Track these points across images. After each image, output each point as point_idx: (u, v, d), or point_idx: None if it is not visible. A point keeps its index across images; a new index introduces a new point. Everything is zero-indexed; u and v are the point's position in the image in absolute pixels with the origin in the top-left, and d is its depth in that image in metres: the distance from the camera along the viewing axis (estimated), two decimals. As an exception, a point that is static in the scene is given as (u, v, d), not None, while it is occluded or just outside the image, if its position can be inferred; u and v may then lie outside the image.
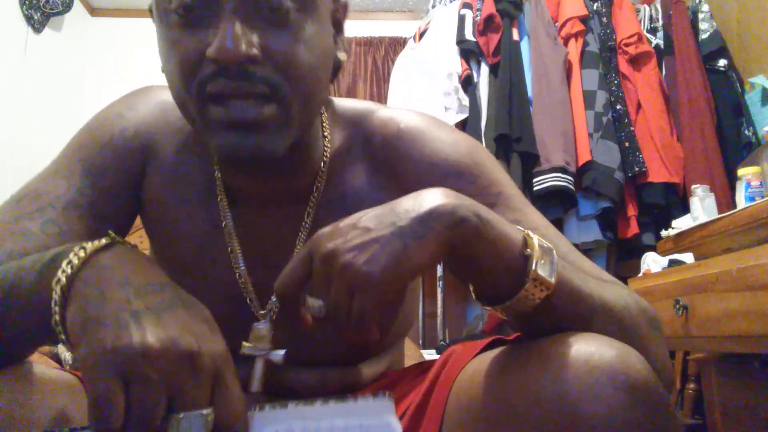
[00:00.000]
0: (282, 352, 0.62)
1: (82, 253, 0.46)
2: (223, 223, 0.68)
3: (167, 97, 0.67)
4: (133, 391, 0.39)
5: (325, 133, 0.69)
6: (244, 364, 0.63)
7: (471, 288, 0.53)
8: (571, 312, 0.51)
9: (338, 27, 0.66)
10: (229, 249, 0.68)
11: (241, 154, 0.55)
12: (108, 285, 0.44)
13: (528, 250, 0.49)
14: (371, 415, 0.45)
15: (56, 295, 0.45)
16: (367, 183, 0.69)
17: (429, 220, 0.46)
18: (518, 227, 0.52)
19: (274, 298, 0.68)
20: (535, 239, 0.50)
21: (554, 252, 0.50)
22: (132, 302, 0.42)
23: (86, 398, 0.40)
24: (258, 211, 0.68)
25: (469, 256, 0.48)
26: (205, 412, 0.40)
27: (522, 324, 0.53)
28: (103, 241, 0.48)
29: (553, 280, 0.48)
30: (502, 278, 0.49)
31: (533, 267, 0.48)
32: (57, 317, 0.45)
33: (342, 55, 0.66)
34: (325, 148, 0.68)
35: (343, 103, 0.73)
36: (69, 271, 0.45)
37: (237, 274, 0.68)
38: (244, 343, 0.63)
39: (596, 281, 0.55)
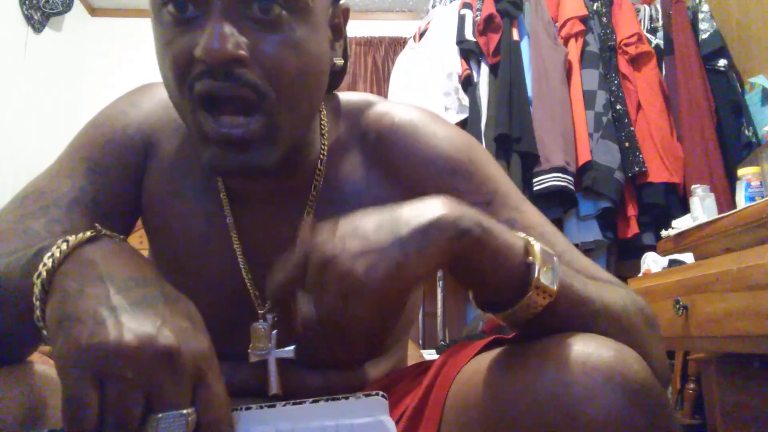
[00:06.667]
0: (291, 347, 0.62)
1: (64, 246, 0.45)
2: (227, 219, 0.68)
3: None
4: (109, 390, 0.37)
5: (323, 131, 0.68)
6: (256, 368, 0.63)
7: (471, 295, 0.52)
8: (572, 316, 0.51)
9: (337, 32, 0.65)
10: (232, 245, 0.68)
11: (228, 170, 0.56)
12: (88, 279, 0.42)
13: (530, 258, 0.48)
14: (363, 415, 0.43)
15: (37, 289, 0.43)
16: (364, 178, 0.68)
17: (430, 231, 0.43)
18: (519, 234, 0.51)
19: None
20: (537, 246, 0.49)
21: (555, 258, 0.49)
22: (111, 297, 0.40)
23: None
24: (257, 208, 0.68)
25: (470, 266, 0.47)
26: (185, 412, 0.38)
27: (523, 329, 0.53)
28: (88, 233, 0.47)
29: (555, 287, 0.48)
30: (505, 287, 0.48)
31: (536, 275, 0.47)
32: (38, 313, 0.43)
33: (339, 61, 0.64)
34: (323, 145, 0.68)
35: (342, 96, 0.73)
36: (50, 264, 0.44)
37: (239, 271, 0.68)
38: (250, 350, 0.63)
39: (596, 284, 0.55)
